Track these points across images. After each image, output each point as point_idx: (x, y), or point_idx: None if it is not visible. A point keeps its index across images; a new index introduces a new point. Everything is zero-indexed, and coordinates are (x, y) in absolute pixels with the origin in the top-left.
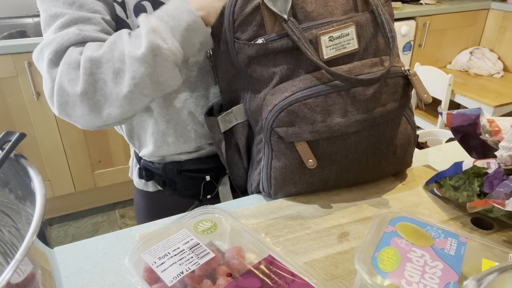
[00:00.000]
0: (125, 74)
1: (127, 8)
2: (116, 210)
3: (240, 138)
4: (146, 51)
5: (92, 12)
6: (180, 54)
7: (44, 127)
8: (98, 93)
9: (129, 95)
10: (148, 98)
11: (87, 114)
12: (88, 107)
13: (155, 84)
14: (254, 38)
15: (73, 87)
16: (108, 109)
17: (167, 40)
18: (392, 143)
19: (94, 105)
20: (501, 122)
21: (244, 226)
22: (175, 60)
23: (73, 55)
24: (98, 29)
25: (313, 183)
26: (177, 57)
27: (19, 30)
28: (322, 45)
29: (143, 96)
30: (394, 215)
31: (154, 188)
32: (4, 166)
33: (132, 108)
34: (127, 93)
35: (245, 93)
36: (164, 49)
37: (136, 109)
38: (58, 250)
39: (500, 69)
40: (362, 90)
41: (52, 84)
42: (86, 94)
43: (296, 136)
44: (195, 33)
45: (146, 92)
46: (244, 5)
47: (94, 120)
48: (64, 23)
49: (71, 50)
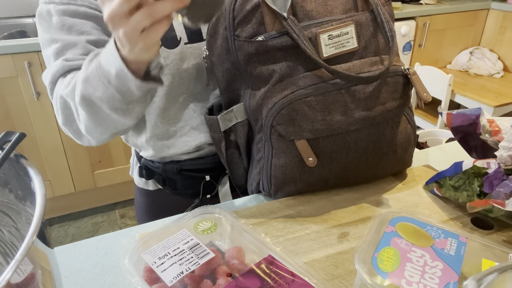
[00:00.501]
0: (78, 116)
1: None
2: (116, 210)
3: (240, 137)
4: (80, 100)
5: (79, 34)
6: (116, 99)
7: (44, 127)
8: (75, 123)
9: (87, 130)
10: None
11: (77, 139)
12: (72, 134)
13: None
14: (254, 36)
15: (58, 118)
16: (85, 137)
17: (98, 88)
18: (392, 142)
19: (74, 133)
20: (501, 122)
21: (244, 226)
22: (112, 105)
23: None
24: (82, 53)
25: (313, 182)
26: (115, 102)
27: (19, 30)
28: (322, 43)
29: (100, 131)
30: (394, 215)
31: (154, 186)
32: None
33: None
34: (85, 129)
35: (245, 91)
36: (95, 97)
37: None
38: (58, 250)
39: (500, 69)
40: (362, 89)
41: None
42: (65, 125)
43: (296, 134)
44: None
45: (100, 130)
46: (244, 2)
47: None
48: (58, 50)
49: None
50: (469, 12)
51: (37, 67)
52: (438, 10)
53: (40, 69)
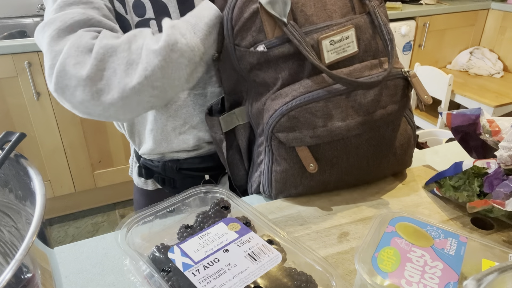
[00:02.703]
0: (138, 66)
1: (126, 4)
2: (116, 210)
3: (241, 139)
4: (163, 44)
5: None
6: (198, 51)
7: (44, 127)
8: (104, 81)
9: (138, 87)
10: (157, 91)
11: (88, 101)
12: (90, 94)
13: (165, 79)
14: (254, 44)
15: (78, 70)
16: (111, 98)
17: (185, 35)
18: (392, 144)
19: (96, 93)
20: (501, 122)
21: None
22: (191, 56)
23: (83, 39)
24: (100, 14)
25: (314, 186)
26: (195, 54)
27: (19, 30)
28: (324, 49)
29: (152, 88)
30: (394, 215)
31: (154, 186)
32: (4, 166)
33: (138, 100)
34: (136, 84)
35: (248, 95)
36: (182, 44)
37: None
38: (58, 250)
39: (500, 69)
40: (363, 93)
41: (53, 62)
42: (90, 80)
43: (297, 141)
44: (214, 28)
45: (157, 84)
46: (242, 10)
47: (94, 107)
48: (66, 2)
49: (81, 33)
50: (469, 12)
51: (37, 67)
52: (438, 10)
53: (40, 69)
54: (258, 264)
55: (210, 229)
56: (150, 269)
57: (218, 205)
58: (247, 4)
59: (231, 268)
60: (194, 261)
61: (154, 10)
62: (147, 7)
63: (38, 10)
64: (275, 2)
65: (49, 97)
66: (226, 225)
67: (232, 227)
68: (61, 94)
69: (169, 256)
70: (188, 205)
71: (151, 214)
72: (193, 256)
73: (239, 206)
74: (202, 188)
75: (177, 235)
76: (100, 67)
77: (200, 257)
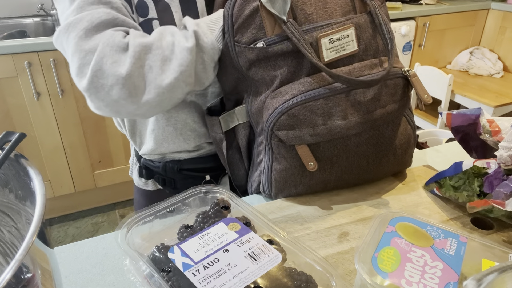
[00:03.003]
0: (172, 62)
1: (132, 3)
2: (116, 210)
3: (241, 139)
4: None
5: None
6: (217, 51)
7: (44, 127)
8: (141, 78)
9: (174, 82)
10: (188, 88)
11: (124, 99)
12: (128, 92)
13: (195, 76)
14: (254, 41)
15: (116, 68)
16: (147, 95)
17: (207, 35)
18: (392, 144)
19: (134, 90)
20: (501, 122)
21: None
22: (212, 55)
23: (116, 38)
24: (121, 14)
25: (314, 185)
26: (214, 53)
27: (19, 30)
28: (323, 47)
29: (185, 84)
30: (394, 215)
31: (154, 187)
32: (4, 166)
33: (170, 96)
34: (172, 80)
35: (247, 94)
36: (205, 43)
37: (173, 100)
38: (58, 250)
39: (500, 69)
40: (362, 92)
41: (82, 62)
42: (130, 78)
43: (297, 139)
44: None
45: (189, 80)
46: (242, 7)
47: (128, 106)
48: (86, 2)
49: (111, 33)
50: (469, 12)
51: (37, 67)
52: (438, 10)
53: (40, 69)
54: (258, 264)
55: (210, 229)
56: (150, 269)
57: (218, 205)
58: (247, 1)
59: (231, 268)
60: (194, 261)
61: (157, 10)
62: (150, 7)
63: (38, 10)
64: (275, 1)
65: (49, 97)
66: (226, 225)
67: (232, 227)
68: (94, 93)
69: (169, 256)
70: (188, 205)
71: (151, 214)
72: (193, 256)
73: (239, 206)
74: (202, 188)
75: (177, 235)
76: (137, 65)
77: (200, 257)
